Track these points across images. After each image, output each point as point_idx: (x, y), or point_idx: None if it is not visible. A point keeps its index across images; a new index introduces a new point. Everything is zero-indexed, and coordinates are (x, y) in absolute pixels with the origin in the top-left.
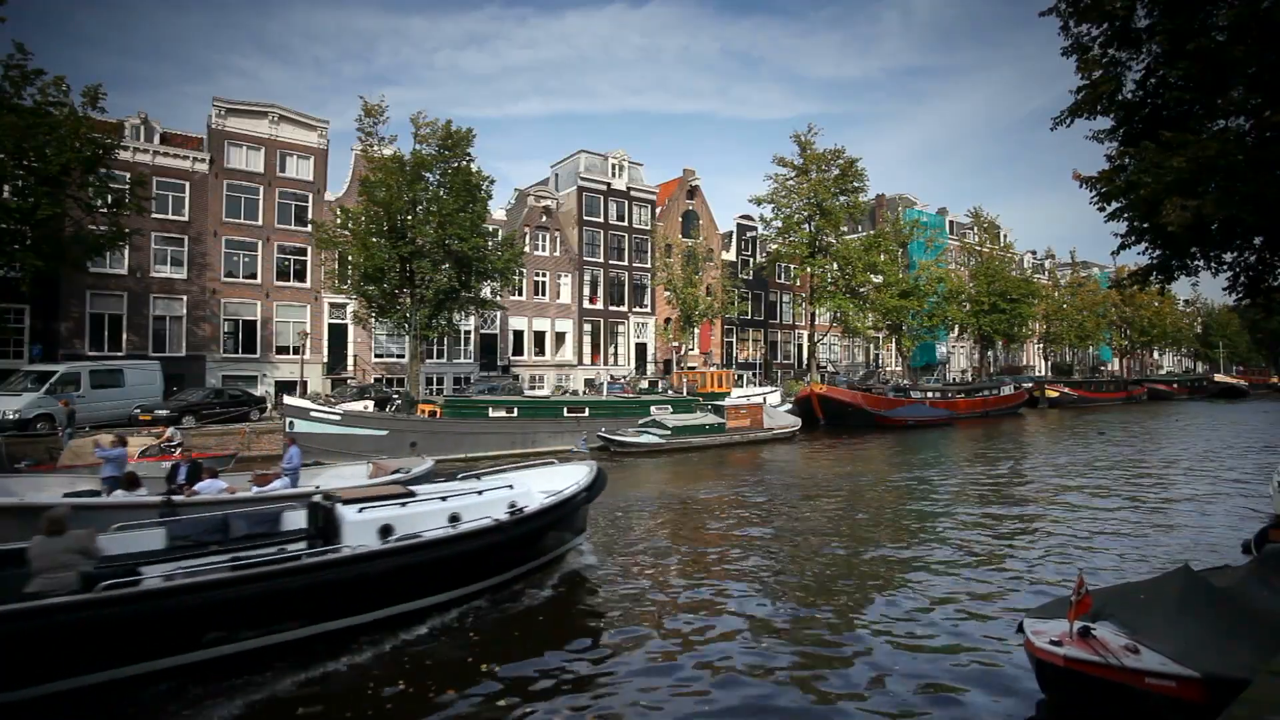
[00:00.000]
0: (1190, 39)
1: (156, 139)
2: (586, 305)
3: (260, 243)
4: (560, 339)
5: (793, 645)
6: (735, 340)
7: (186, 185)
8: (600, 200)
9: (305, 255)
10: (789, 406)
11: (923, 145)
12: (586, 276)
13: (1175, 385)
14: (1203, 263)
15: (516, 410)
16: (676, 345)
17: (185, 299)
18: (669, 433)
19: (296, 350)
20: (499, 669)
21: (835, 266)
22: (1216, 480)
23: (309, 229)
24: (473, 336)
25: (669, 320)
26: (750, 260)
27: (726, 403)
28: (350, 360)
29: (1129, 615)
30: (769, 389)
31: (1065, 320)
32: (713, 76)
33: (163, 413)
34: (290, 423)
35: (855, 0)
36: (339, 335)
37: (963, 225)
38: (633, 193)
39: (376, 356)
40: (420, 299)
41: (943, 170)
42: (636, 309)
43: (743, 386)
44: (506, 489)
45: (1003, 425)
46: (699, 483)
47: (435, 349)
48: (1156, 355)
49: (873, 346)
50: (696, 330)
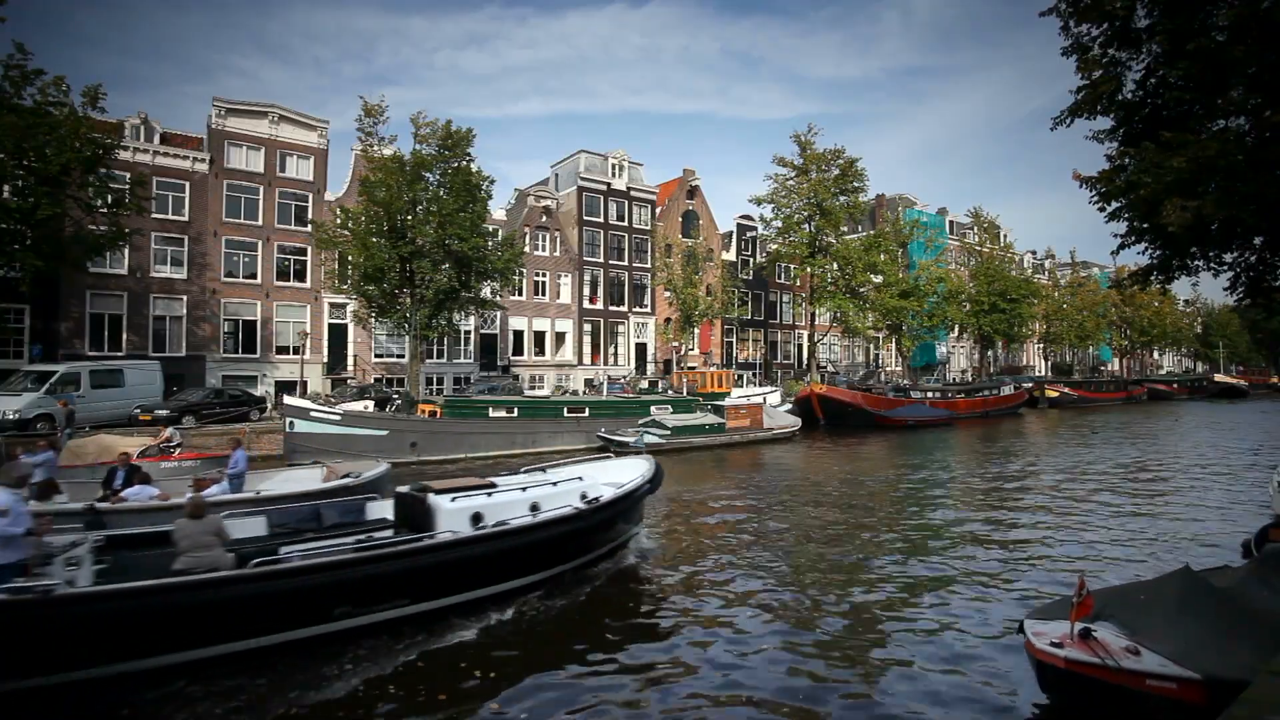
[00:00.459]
0: (1190, 39)
1: (156, 139)
2: (586, 305)
3: (260, 243)
4: (560, 339)
5: (791, 645)
6: (735, 340)
7: (186, 185)
8: (600, 200)
9: (305, 255)
10: (789, 406)
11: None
12: (586, 276)
13: (1175, 385)
14: (1203, 263)
15: (516, 410)
16: (676, 345)
17: (185, 299)
18: (669, 432)
19: (296, 350)
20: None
21: (835, 266)
22: (1216, 480)
23: (309, 229)
24: (473, 336)
25: (669, 320)
26: (750, 260)
27: (726, 403)
28: (350, 360)
29: (1129, 616)
30: (769, 389)
31: (1065, 320)
32: (713, 76)
33: (163, 413)
34: (291, 423)
35: (855, 0)
36: (339, 335)
37: (963, 225)
38: (633, 193)
39: (376, 356)
40: (420, 299)
41: (943, 170)
42: (636, 309)
43: (743, 386)
44: (577, 480)
45: (1003, 425)
46: (701, 483)
47: (435, 349)
48: (1156, 355)
49: (873, 346)
50: (696, 330)
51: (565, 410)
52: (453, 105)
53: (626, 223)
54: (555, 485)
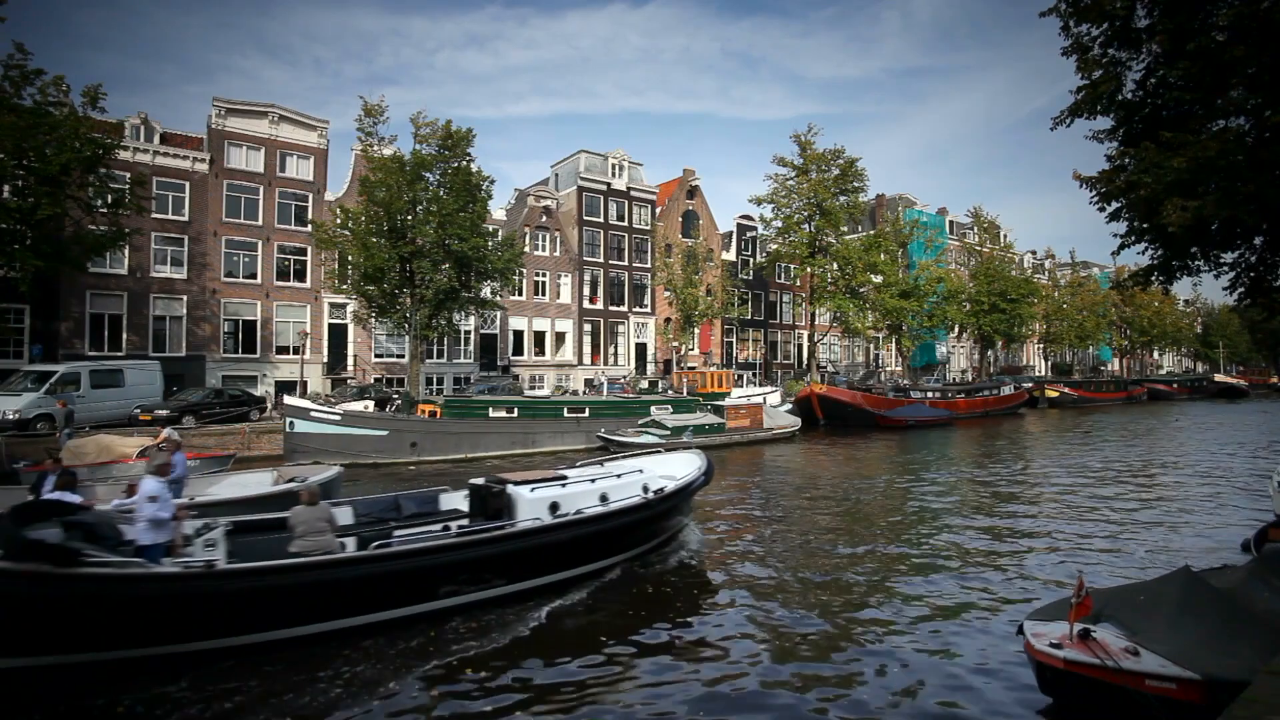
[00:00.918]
0: (1190, 39)
1: (156, 139)
2: (586, 305)
3: (260, 243)
4: (560, 339)
5: (790, 645)
6: (735, 340)
7: (186, 185)
8: (600, 200)
9: (305, 255)
10: (789, 406)
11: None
12: (586, 276)
13: (1175, 385)
14: (1203, 263)
15: (516, 410)
16: (676, 345)
17: (185, 299)
18: (669, 432)
19: (296, 350)
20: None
21: (835, 266)
22: (1216, 480)
23: (309, 229)
24: (473, 336)
25: (669, 320)
26: (750, 260)
27: (726, 403)
28: (350, 360)
29: (1129, 617)
30: (769, 389)
31: (1065, 320)
32: (713, 77)
33: (163, 413)
34: (291, 423)
35: (855, 0)
36: (339, 335)
37: (963, 225)
38: (633, 193)
39: (376, 356)
40: (420, 299)
41: (943, 170)
42: (636, 309)
43: (743, 386)
44: (638, 473)
45: (1002, 425)
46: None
47: (435, 349)
48: (1156, 355)
49: (873, 346)
50: (696, 330)
51: (565, 410)
52: (453, 105)
53: (626, 223)
54: (619, 477)
